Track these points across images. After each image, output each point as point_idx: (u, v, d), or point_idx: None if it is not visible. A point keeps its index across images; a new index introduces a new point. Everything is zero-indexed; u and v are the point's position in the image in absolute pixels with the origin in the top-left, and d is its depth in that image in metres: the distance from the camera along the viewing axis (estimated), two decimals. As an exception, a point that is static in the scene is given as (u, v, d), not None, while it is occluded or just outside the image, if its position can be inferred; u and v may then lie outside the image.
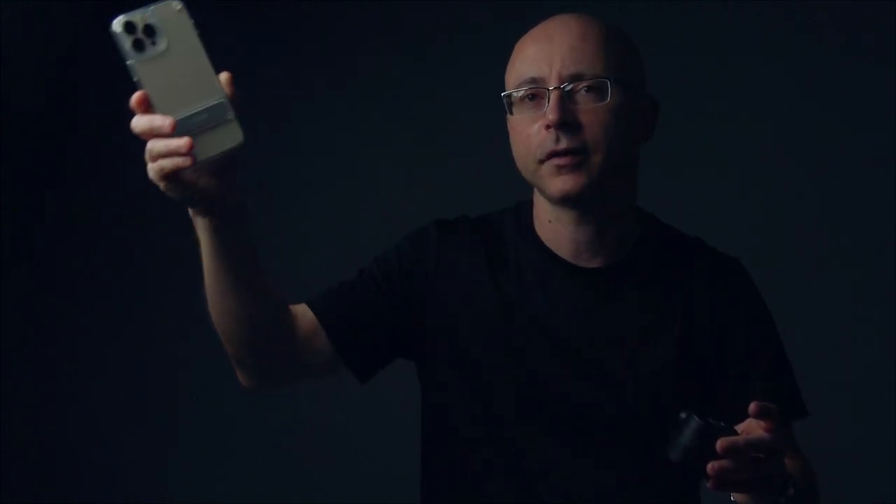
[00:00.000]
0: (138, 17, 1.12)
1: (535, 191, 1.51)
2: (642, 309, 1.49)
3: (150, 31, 1.12)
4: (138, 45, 1.12)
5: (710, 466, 1.20)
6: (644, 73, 1.49)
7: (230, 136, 1.15)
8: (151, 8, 1.13)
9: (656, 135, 1.52)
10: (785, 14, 2.89)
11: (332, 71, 3.21)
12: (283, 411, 2.99)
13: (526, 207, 1.56)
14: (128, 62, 1.12)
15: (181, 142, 1.11)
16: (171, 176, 1.15)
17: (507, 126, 1.52)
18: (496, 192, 1.75)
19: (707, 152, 2.91)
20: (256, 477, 3.13)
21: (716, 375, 1.50)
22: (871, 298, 2.82)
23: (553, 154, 1.41)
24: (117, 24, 1.12)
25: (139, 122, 1.13)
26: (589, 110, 1.41)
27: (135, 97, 1.12)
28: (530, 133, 1.43)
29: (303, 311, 1.49)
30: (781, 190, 2.88)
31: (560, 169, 1.41)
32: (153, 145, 1.13)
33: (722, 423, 1.23)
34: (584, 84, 1.41)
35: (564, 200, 1.44)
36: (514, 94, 1.44)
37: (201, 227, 1.27)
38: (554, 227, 1.50)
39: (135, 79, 1.12)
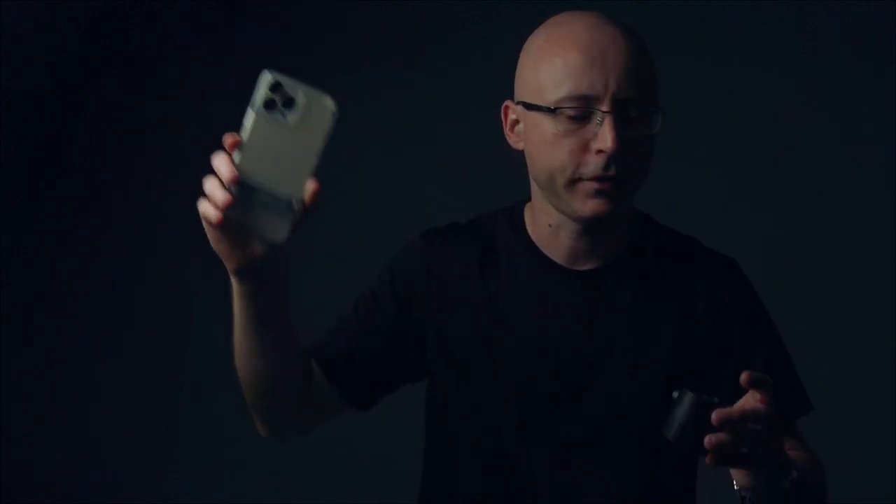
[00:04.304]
0: (290, 84, 1.12)
1: (538, 195, 1.49)
2: (637, 310, 1.48)
3: (289, 103, 1.12)
4: (270, 104, 1.12)
5: (708, 440, 1.20)
6: None
7: (274, 230, 1.15)
8: (309, 88, 1.13)
9: (662, 136, 1.51)
10: (785, 14, 2.89)
11: (328, 70, 3.21)
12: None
13: (519, 209, 1.55)
14: (250, 108, 1.12)
15: (221, 196, 1.12)
16: (216, 216, 1.15)
17: (501, 128, 1.49)
18: (492, 192, 1.75)
19: (705, 153, 2.92)
20: (258, 478, 3.13)
21: (714, 376, 1.49)
22: (871, 298, 2.83)
23: (599, 178, 1.38)
24: (268, 75, 1.12)
25: (215, 158, 1.13)
26: (636, 139, 1.39)
27: (230, 137, 1.13)
28: (571, 150, 1.39)
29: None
30: (781, 190, 2.89)
31: (598, 192, 1.39)
32: (206, 182, 1.14)
33: (715, 399, 1.23)
34: (635, 110, 1.39)
35: (592, 221, 1.43)
36: (561, 109, 1.38)
37: (236, 289, 1.27)
38: (553, 232, 1.48)
39: (245, 124, 1.12)
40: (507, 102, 1.48)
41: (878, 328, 2.82)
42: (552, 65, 1.40)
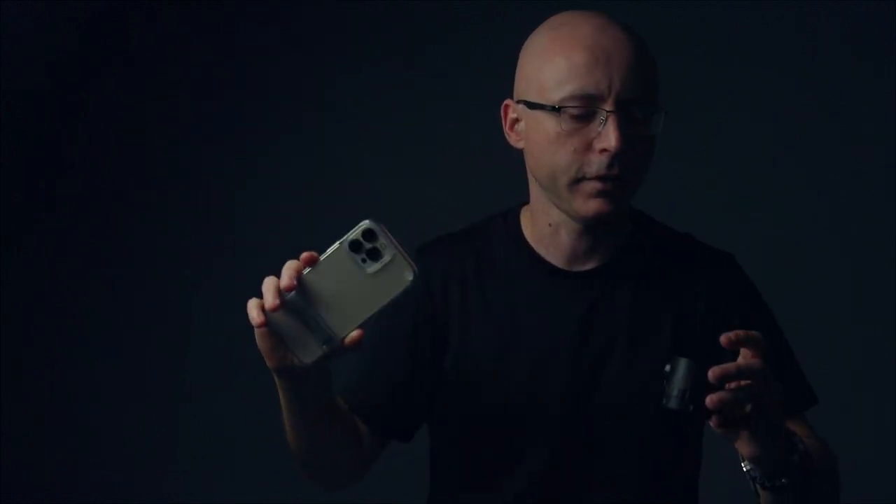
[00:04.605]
0: (383, 239, 1.16)
1: (538, 194, 1.49)
2: (636, 309, 1.48)
3: (374, 254, 1.16)
4: (355, 247, 1.16)
5: (709, 399, 1.20)
6: None
7: (305, 352, 1.19)
8: (399, 252, 1.16)
9: (662, 136, 1.51)
10: (785, 14, 2.89)
11: (328, 70, 3.21)
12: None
13: (515, 212, 1.54)
14: (338, 241, 1.17)
15: (271, 301, 1.16)
16: (258, 319, 1.19)
17: (501, 127, 1.49)
18: (492, 192, 1.75)
19: (705, 153, 2.92)
20: (258, 478, 3.13)
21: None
22: (871, 298, 2.83)
23: (601, 178, 1.39)
24: (367, 224, 1.16)
25: (287, 265, 1.18)
26: (637, 138, 1.39)
27: (308, 254, 1.18)
28: (574, 149, 1.39)
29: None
30: (781, 190, 2.89)
31: (601, 192, 1.40)
32: (265, 282, 1.18)
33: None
34: (638, 110, 1.39)
35: (594, 221, 1.43)
36: (565, 108, 1.39)
37: (279, 384, 1.30)
38: (553, 232, 1.48)
39: (328, 249, 1.17)
40: (508, 101, 1.48)
41: (878, 328, 2.82)
42: (556, 64, 1.40)
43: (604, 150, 1.37)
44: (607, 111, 1.37)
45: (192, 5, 3.24)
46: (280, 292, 1.16)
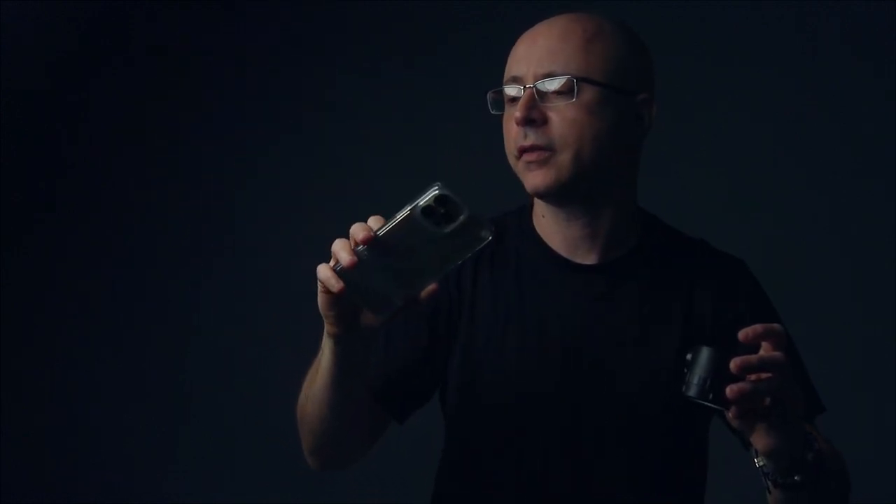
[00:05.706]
0: (456, 202, 1.13)
1: None
2: (642, 308, 1.48)
3: (448, 217, 1.13)
4: (428, 212, 1.13)
5: (730, 389, 1.20)
6: (644, 74, 1.48)
7: (381, 306, 1.19)
8: (470, 212, 1.14)
9: (662, 136, 1.51)
10: (785, 14, 2.89)
11: (328, 70, 3.21)
12: (288, 413, 2.98)
13: (528, 207, 1.56)
14: (409, 206, 1.14)
15: (347, 258, 1.16)
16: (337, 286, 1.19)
17: (500, 128, 1.52)
18: (492, 193, 1.75)
19: (705, 153, 2.92)
20: (258, 478, 3.13)
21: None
22: (871, 298, 2.82)
23: (522, 150, 1.44)
24: (437, 190, 1.13)
25: (356, 225, 1.17)
26: (557, 108, 1.42)
27: (367, 235, 1.16)
28: (510, 129, 1.46)
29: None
30: (781, 190, 2.89)
31: (529, 165, 1.44)
32: (336, 242, 1.19)
33: (730, 354, 1.23)
34: (555, 82, 1.43)
35: (538, 196, 1.47)
36: (502, 91, 1.47)
37: (331, 347, 1.31)
38: (547, 222, 1.51)
39: (397, 214, 1.15)
40: None
41: (879, 328, 2.82)
42: (507, 62, 1.49)
43: (518, 123, 1.43)
44: (525, 87, 1.43)
45: (192, 5, 3.24)
46: (354, 250, 1.16)
